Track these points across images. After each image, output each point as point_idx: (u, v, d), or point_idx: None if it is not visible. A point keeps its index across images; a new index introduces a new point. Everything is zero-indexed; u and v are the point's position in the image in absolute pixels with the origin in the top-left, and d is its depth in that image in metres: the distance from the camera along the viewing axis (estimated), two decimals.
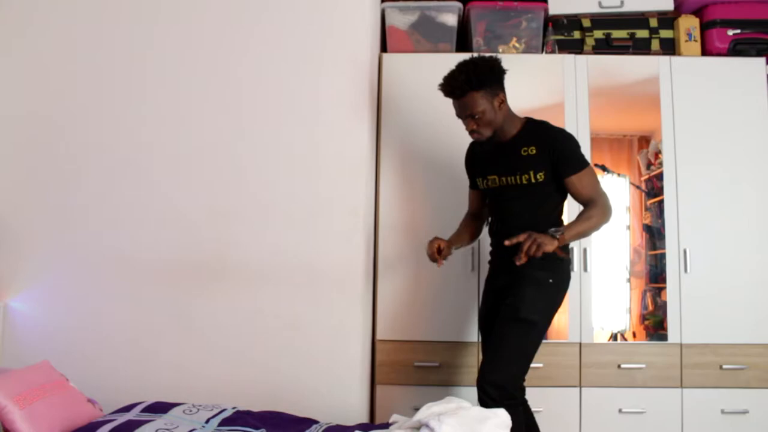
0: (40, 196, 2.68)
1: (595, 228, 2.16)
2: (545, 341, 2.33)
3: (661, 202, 2.76)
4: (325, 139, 2.68)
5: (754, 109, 2.78)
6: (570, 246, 2.35)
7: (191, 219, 2.66)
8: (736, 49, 2.84)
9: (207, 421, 2.03)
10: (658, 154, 2.80)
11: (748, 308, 2.68)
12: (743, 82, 2.80)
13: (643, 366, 2.66)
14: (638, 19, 2.91)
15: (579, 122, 2.77)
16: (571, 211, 2.40)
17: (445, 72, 2.19)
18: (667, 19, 2.92)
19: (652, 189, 2.82)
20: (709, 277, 2.70)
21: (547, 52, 2.92)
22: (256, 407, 2.27)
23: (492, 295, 2.32)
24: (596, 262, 2.73)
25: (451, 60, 2.25)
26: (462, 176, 2.48)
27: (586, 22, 2.91)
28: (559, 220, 2.25)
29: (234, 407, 2.17)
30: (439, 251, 2.28)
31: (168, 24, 2.74)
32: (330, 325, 2.60)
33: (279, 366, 2.59)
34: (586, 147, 2.70)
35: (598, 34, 2.90)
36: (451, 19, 2.89)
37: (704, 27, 2.88)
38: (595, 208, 2.12)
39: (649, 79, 2.82)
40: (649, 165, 2.84)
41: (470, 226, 2.45)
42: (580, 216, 2.14)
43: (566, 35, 2.91)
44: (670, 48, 2.90)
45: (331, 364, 2.58)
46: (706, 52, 2.88)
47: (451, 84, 2.16)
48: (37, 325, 2.62)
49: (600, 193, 2.16)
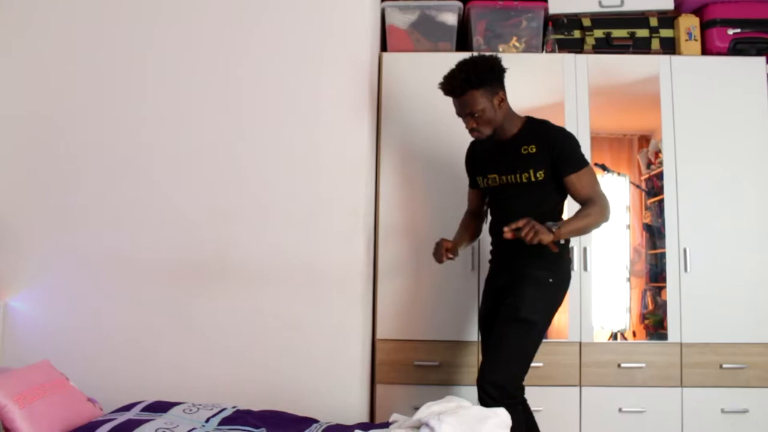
0: (40, 196, 2.68)
1: (592, 226, 2.16)
2: (545, 340, 2.34)
3: (661, 201, 2.76)
4: (325, 139, 2.68)
5: (754, 108, 2.78)
6: (570, 245, 2.35)
7: (191, 219, 2.66)
8: (737, 49, 2.84)
9: (207, 420, 2.03)
10: (658, 153, 2.80)
11: (748, 307, 2.68)
12: (743, 82, 2.80)
13: (643, 365, 2.66)
14: (638, 19, 2.91)
15: (579, 121, 2.77)
16: (572, 210, 2.39)
17: (446, 71, 2.20)
18: (668, 19, 2.92)
19: (652, 188, 2.82)
20: (709, 276, 2.70)
21: (547, 52, 2.92)
22: (256, 407, 2.27)
23: (492, 295, 2.32)
24: (596, 261, 2.73)
25: (451, 59, 2.26)
26: (462, 176, 2.48)
27: (586, 22, 2.90)
28: (559, 219, 2.24)
29: (234, 406, 2.18)
30: (448, 251, 2.28)
31: (168, 24, 2.74)
32: (330, 325, 2.60)
33: (279, 366, 2.59)
34: (586, 146, 2.70)
35: (598, 33, 2.90)
36: (451, 19, 2.89)
37: (704, 26, 2.88)
38: (593, 206, 2.12)
39: (649, 79, 2.82)
40: (649, 164, 2.84)
41: (470, 226, 2.45)
42: (578, 213, 2.15)
43: (566, 34, 2.91)
44: (670, 47, 2.90)
45: (331, 364, 2.58)
46: (706, 51, 2.88)
47: (451, 82, 2.17)
48: (38, 324, 2.62)
49: (599, 194, 2.16)
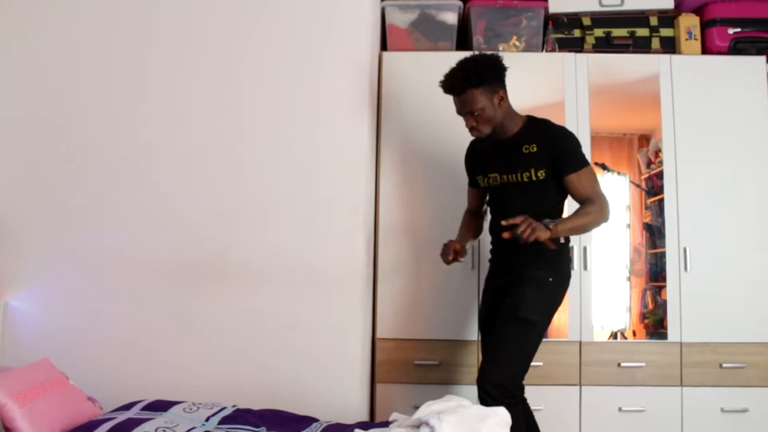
0: (40, 196, 2.68)
1: (591, 225, 2.16)
2: (545, 340, 2.34)
3: (661, 200, 2.76)
4: (325, 139, 2.68)
5: (755, 107, 2.78)
6: (570, 244, 2.35)
7: (191, 219, 2.66)
8: (737, 48, 2.84)
9: (207, 419, 2.03)
10: (658, 152, 2.80)
11: (748, 307, 2.68)
12: (743, 81, 2.80)
13: (643, 364, 2.66)
14: (638, 18, 2.91)
15: (579, 121, 2.77)
16: (571, 210, 2.39)
17: (446, 70, 2.20)
18: (668, 18, 2.91)
19: (652, 187, 2.82)
20: (709, 275, 2.70)
21: (547, 51, 2.92)
22: (256, 406, 2.27)
23: (492, 294, 2.32)
24: (596, 260, 2.73)
25: (451, 58, 2.25)
26: (462, 175, 2.48)
27: (587, 21, 2.90)
28: (559, 218, 2.23)
29: (234, 405, 2.18)
30: (456, 252, 2.27)
31: (168, 24, 2.74)
32: (330, 325, 2.60)
33: (279, 366, 2.59)
34: (587, 145, 2.70)
35: (599, 32, 2.90)
36: (451, 18, 2.89)
37: (704, 25, 2.88)
38: (592, 206, 2.12)
39: (650, 78, 2.82)
40: (649, 163, 2.84)
41: (471, 224, 2.45)
42: (576, 212, 2.15)
43: (566, 33, 2.91)
44: (670, 46, 2.90)
45: (331, 363, 2.58)
46: (706, 50, 2.88)
47: (451, 80, 2.17)
48: (38, 323, 2.62)
49: (599, 194, 2.16)
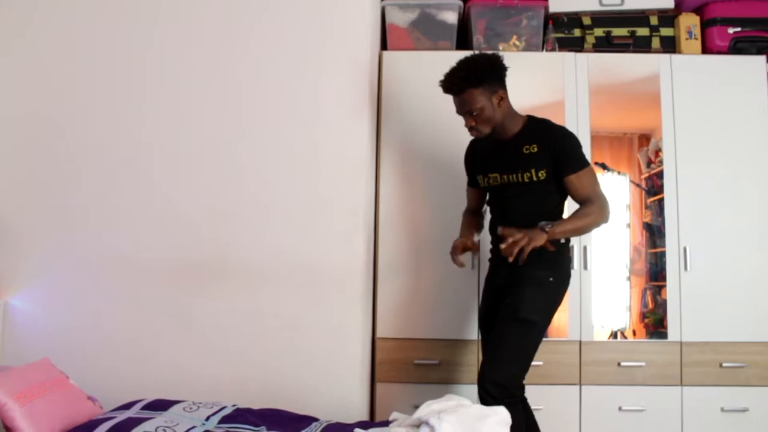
0: (40, 196, 2.68)
1: (590, 226, 2.16)
2: (545, 339, 2.33)
3: (662, 200, 2.76)
4: (325, 139, 2.68)
5: (755, 107, 2.78)
6: (570, 244, 2.35)
7: (191, 219, 2.66)
8: (737, 47, 2.84)
9: (207, 418, 2.03)
10: (658, 152, 2.80)
11: (749, 306, 2.68)
12: (743, 80, 2.80)
13: (643, 364, 2.66)
14: (639, 17, 2.90)
15: (579, 120, 2.76)
16: (571, 210, 2.39)
17: (446, 70, 2.19)
18: (668, 17, 2.91)
19: (653, 187, 2.82)
20: (710, 275, 2.70)
21: (547, 50, 2.92)
22: (256, 406, 2.27)
23: (492, 294, 2.32)
24: (596, 260, 2.72)
25: (451, 58, 2.25)
26: (463, 175, 2.47)
27: (587, 20, 2.90)
28: (560, 219, 2.23)
29: (234, 405, 2.18)
30: (466, 249, 2.27)
31: (168, 24, 2.74)
32: (330, 325, 2.60)
33: (279, 366, 2.59)
34: (587, 145, 2.70)
35: (599, 32, 2.90)
36: (451, 17, 2.89)
37: (705, 25, 2.88)
38: (591, 207, 2.12)
39: (650, 77, 2.82)
40: (649, 163, 2.84)
41: (473, 223, 2.44)
42: (576, 212, 2.15)
43: (567, 33, 2.91)
44: (670, 46, 2.90)
45: (331, 363, 2.58)
46: (706, 50, 2.88)
47: (450, 80, 2.17)
48: (38, 323, 2.62)
49: (599, 194, 2.15)
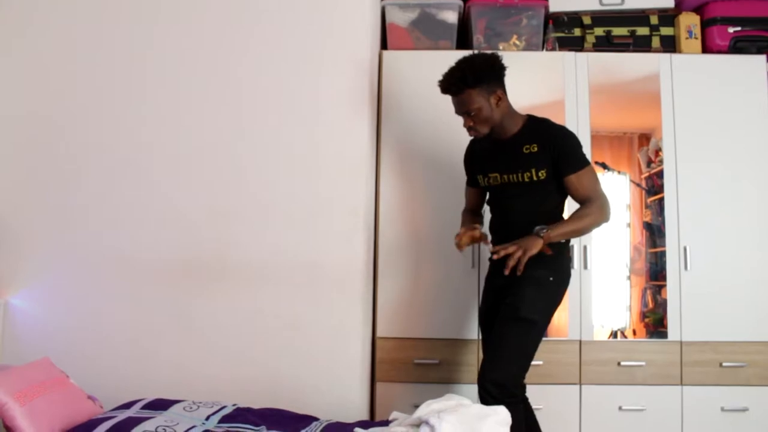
0: (40, 196, 2.68)
1: (590, 227, 2.15)
2: (545, 339, 2.34)
3: (662, 199, 2.75)
4: (325, 139, 2.68)
5: (755, 106, 2.78)
6: (570, 244, 2.35)
7: (191, 219, 2.66)
8: (737, 47, 2.83)
9: (207, 418, 2.04)
10: (658, 151, 2.79)
11: (749, 306, 2.68)
12: (744, 80, 2.80)
13: (643, 363, 2.66)
14: (639, 17, 2.90)
15: (579, 120, 2.76)
16: (571, 210, 2.39)
17: (446, 69, 2.19)
18: (668, 17, 2.91)
19: (653, 186, 2.82)
20: (710, 274, 2.70)
21: (547, 50, 2.91)
22: (256, 405, 2.27)
23: (492, 294, 2.32)
24: (596, 259, 2.72)
25: (451, 57, 2.25)
26: (463, 175, 2.47)
27: (587, 20, 2.90)
28: (560, 218, 2.23)
29: (234, 404, 2.19)
30: (475, 239, 2.24)
31: (168, 24, 2.74)
32: (330, 325, 2.60)
33: (279, 365, 2.59)
34: (587, 144, 2.69)
35: (599, 31, 2.90)
36: (451, 17, 2.89)
37: (705, 24, 2.88)
38: (591, 206, 2.11)
39: (650, 77, 2.82)
40: (649, 162, 2.84)
41: (474, 220, 2.43)
42: (574, 214, 2.14)
43: (567, 32, 2.90)
44: (670, 45, 2.90)
45: (331, 363, 2.59)
46: (706, 49, 2.87)
47: (448, 80, 2.17)
48: (38, 322, 2.62)
49: (599, 193, 2.15)
